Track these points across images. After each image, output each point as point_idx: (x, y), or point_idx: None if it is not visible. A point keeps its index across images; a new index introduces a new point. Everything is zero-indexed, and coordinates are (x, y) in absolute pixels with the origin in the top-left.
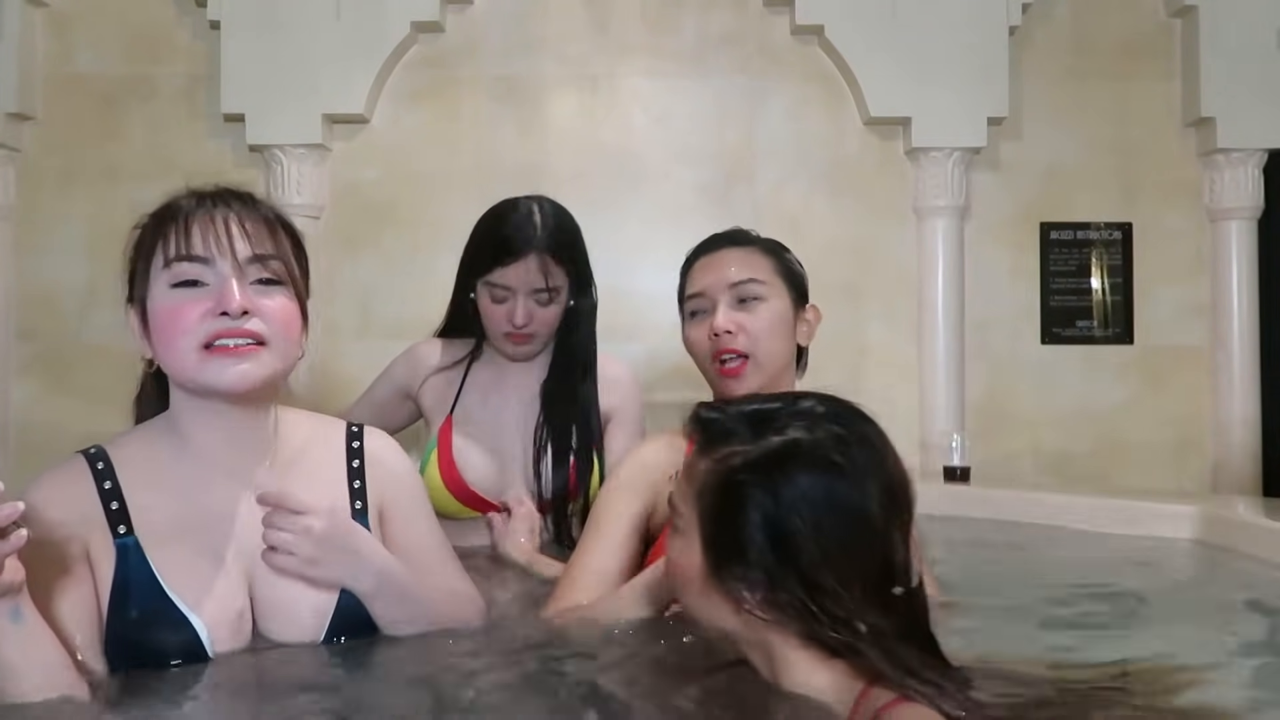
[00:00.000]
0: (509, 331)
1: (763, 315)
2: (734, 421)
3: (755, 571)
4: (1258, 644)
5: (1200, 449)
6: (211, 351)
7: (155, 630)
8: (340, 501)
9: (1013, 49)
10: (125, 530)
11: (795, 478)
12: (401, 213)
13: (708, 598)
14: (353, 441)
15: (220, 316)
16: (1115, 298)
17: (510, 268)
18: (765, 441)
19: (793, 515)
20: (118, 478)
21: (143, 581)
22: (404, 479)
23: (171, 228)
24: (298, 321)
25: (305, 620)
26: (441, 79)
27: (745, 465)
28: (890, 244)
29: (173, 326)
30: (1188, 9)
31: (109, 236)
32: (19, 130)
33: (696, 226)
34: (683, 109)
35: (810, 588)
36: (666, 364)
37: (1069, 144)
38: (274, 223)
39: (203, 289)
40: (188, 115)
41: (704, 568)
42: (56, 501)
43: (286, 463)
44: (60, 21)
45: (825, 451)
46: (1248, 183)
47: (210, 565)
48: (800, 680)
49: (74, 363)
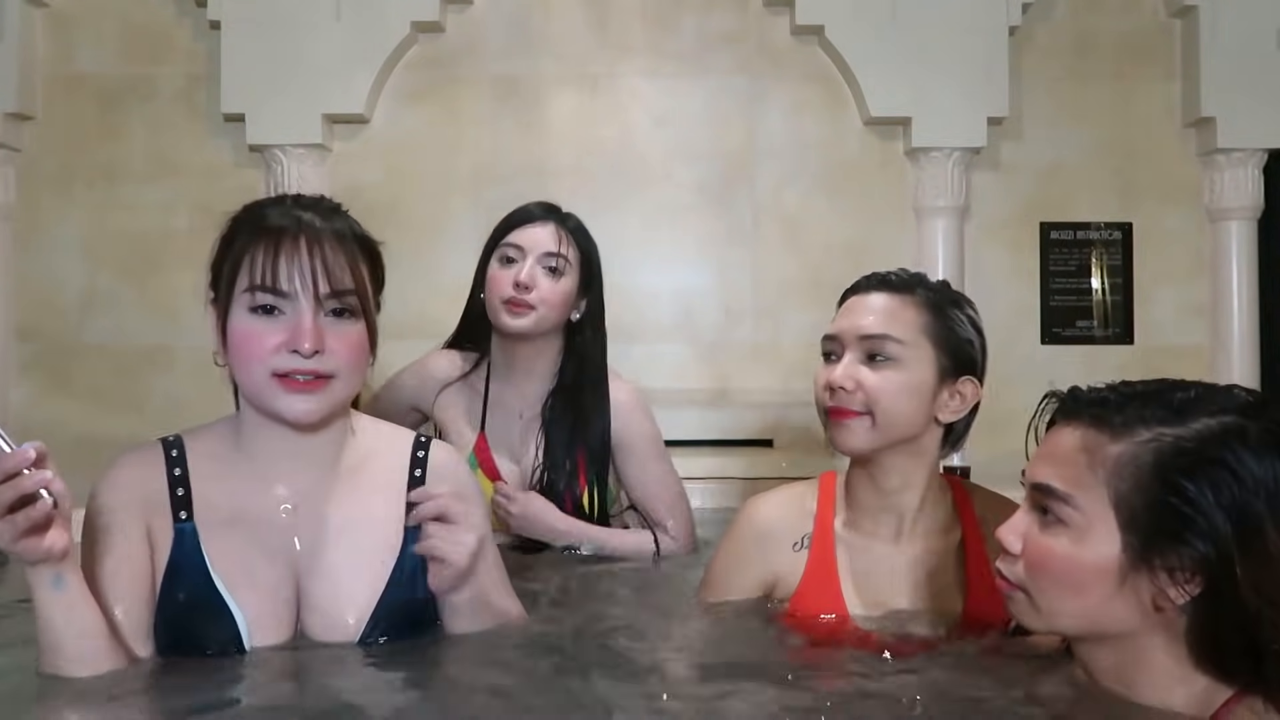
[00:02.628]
0: (509, 297)
1: (890, 378)
2: (1144, 404)
3: (1196, 555)
4: None
5: None
6: (282, 382)
7: (197, 616)
8: (396, 510)
9: (1013, 49)
10: (186, 516)
11: (1247, 461)
12: (402, 213)
13: (1114, 593)
14: (418, 451)
15: (292, 354)
16: (1115, 298)
17: (525, 229)
18: (1199, 422)
19: (1255, 498)
20: (188, 467)
21: (193, 567)
22: (459, 485)
23: (261, 248)
24: (365, 350)
25: (347, 619)
26: (441, 79)
27: (1192, 447)
28: (890, 244)
29: (248, 351)
30: (1188, 9)
31: (109, 236)
32: (19, 130)
33: (696, 226)
34: (683, 109)
35: (1258, 577)
36: (666, 364)
37: (1069, 144)
38: (356, 255)
39: (279, 318)
40: (188, 115)
41: (1124, 558)
42: (127, 482)
43: (349, 470)
44: (60, 21)
45: (1272, 435)
46: (1248, 183)
47: (260, 559)
48: (1161, 688)
49: (74, 363)
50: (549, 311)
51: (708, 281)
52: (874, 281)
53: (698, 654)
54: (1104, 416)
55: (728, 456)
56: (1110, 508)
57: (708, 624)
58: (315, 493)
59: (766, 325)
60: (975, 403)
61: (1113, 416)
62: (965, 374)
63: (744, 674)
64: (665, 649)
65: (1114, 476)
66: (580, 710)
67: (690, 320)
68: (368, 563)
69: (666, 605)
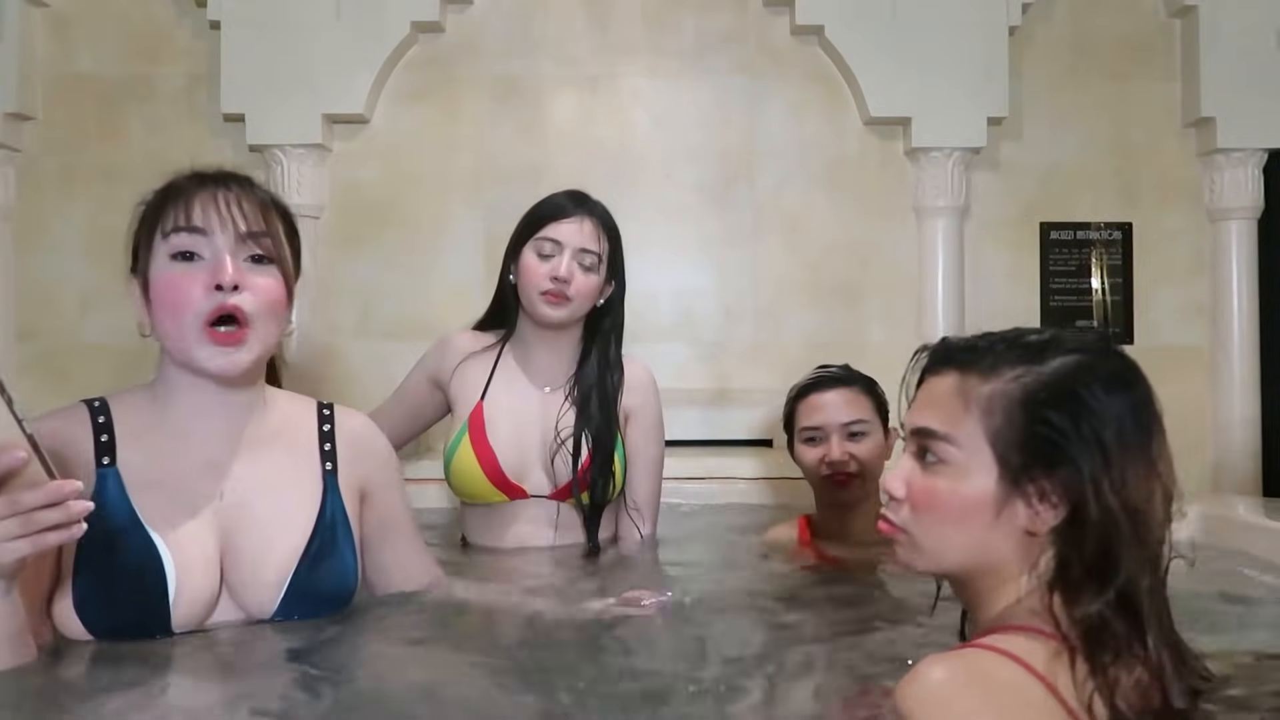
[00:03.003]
0: (547, 289)
1: (867, 446)
2: (1007, 348)
3: (1062, 478)
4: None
5: (1200, 449)
6: (208, 332)
7: (121, 554)
8: (312, 468)
9: (1013, 49)
10: (109, 462)
11: (1099, 394)
12: (401, 212)
13: (992, 522)
14: (323, 410)
15: (214, 291)
16: (1115, 298)
17: (563, 223)
18: (1057, 360)
19: (1106, 427)
20: (113, 424)
21: (117, 506)
22: (382, 453)
23: (173, 202)
24: (283, 302)
25: (271, 574)
26: (441, 79)
27: (1050, 380)
28: (890, 244)
29: (173, 299)
30: (1188, 9)
31: (109, 236)
32: (19, 130)
33: (696, 226)
34: (683, 109)
35: (1112, 496)
36: (666, 364)
37: (1069, 144)
38: (268, 204)
39: (199, 263)
40: (188, 115)
41: (999, 488)
42: (47, 435)
43: (267, 432)
44: (60, 21)
45: (1118, 371)
46: (1248, 183)
47: (183, 513)
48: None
49: (74, 363)
50: (583, 303)
51: (708, 281)
52: (828, 382)
53: None
54: (973, 361)
55: (728, 456)
56: (986, 442)
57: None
58: (235, 451)
59: (766, 325)
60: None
61: (981, 360)
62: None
63: None
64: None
65: (986, 413)
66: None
67: (690, 320)
68: (291, 516)
69: None
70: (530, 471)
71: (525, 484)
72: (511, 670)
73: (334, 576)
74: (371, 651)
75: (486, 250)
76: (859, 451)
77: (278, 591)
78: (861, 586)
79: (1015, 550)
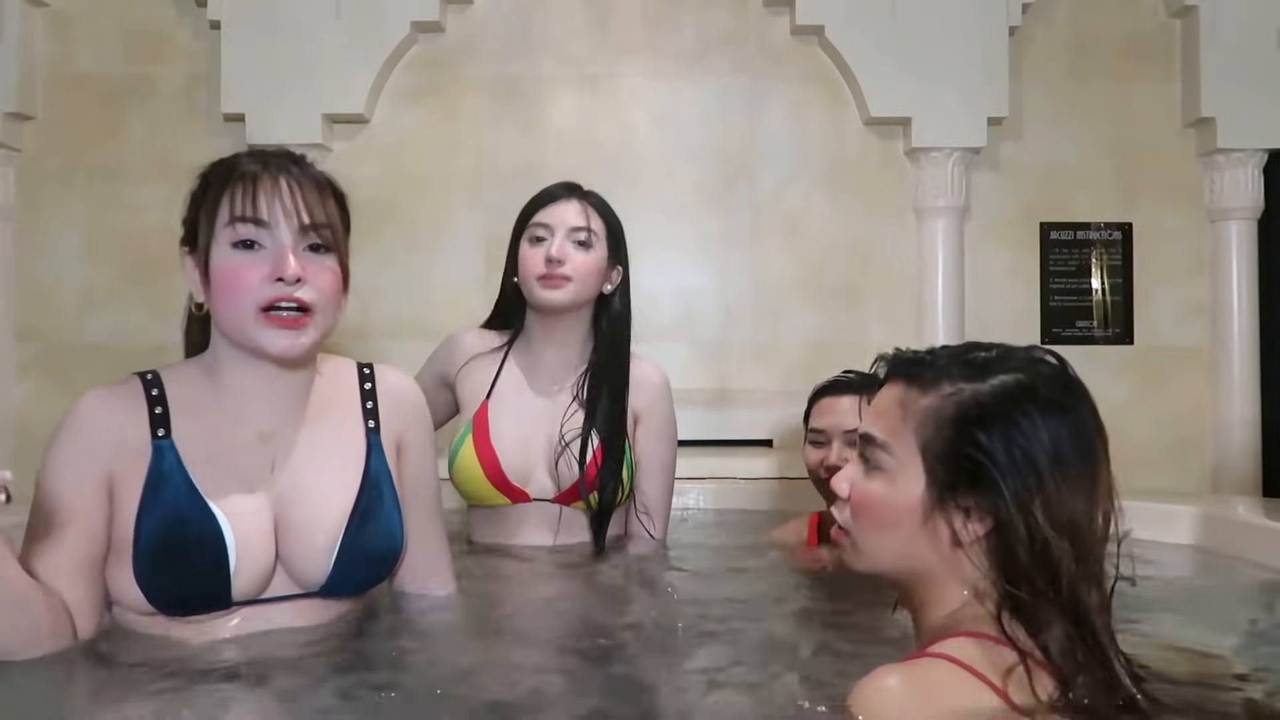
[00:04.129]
0: (543, 273)
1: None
2: (950, 362)
3: (987, 500)
4: (1256, 645)
5: (1200, 449)
6: (267, 316)
7: (182, 526)
8: (357, 431)
9: (1013, 49)
10: (164, 434)
11: (1035, 417)
12: (401, 212)
13: (919, 530)
14: (363, 369)
15: (276, 282)
16: (1115, 298)
17: (550, 207)
18: (996, 379)
19: (1039, 452)
20: (166, 396)
21: (175, 477)
22: (419, 410)
23: (239, 186)
24: (340, 288)
25: (319, 541)
26: (441, 79)
27: (985, 400)
28: (890, 244)
29: (233, 286)
30: (1188, 9)
31: (109, 236)
32: (19, 130)
33: (696, 226)
34: (683, 109)
35: (1036, 521)
36: (666, 364)
37: (1069, 144)
38: (326, 189)
39: (260, 252)
40: (188, 115)
41: (926, 498)
42: (102, 410)
43: (316, 402)
44: (60, 21)
45: (1057, 394)
46: (1248, 183)
47: (239, 486)
48: (954, 623)
49: (74, 363)
50: (583, 283)
51: (708, 281)
52: (842, 386)
53: None
54: (917, 374)
55: (728, 456)
56: (918, 453)
57: None
58: (286, 424)
59: (766, 325)
60: None
61: (924, 373)
62: None
63: None
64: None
65: (921, 426)
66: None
67: (690, 320)
68: (339, 480)
69: None
70: (533, 474)
71: (528, 487)
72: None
73: (380, 536)
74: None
75: (486, 250)
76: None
77: (329, 557)
78: (856, 591)
79: (945, 559)
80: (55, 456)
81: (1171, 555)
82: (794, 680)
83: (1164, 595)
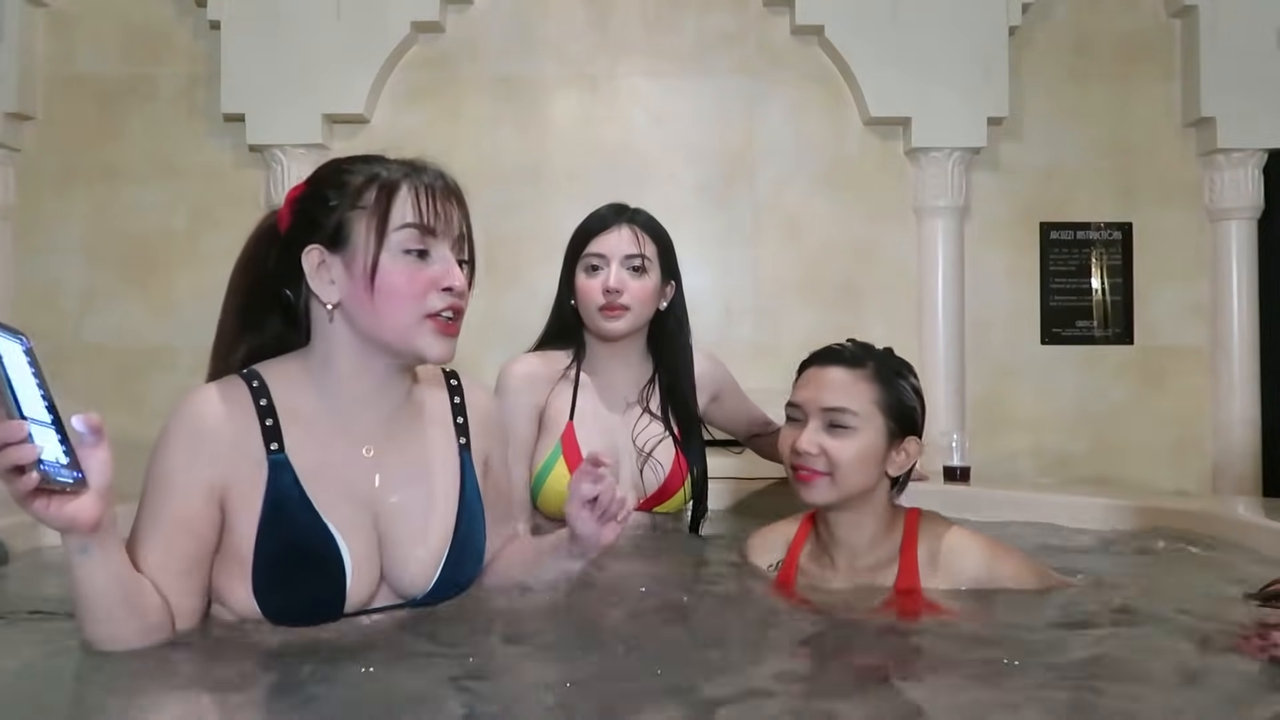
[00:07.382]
0: (603, 304)
1: (848, 446)
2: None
3: (911, 431)
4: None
5: (1200, 449)
6: (434, 322)
7: (300, 542)
8: (449, 439)
9: (1013, 49)
10: (278, 448)
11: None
12: None
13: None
14: (450, 381)
15: (444, 291)
16: (1115, 298)
17: (602, 236)
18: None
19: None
20: (275, 407)
21: (292, 494)
22: (502, 429)
23: (422, 195)
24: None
25: (424, 558)
26: (441, 79)
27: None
28: (890, 244)
29: (406, 291)
30: (1188, 9)
31: (109, 236)
32: (19, 130)
33: (696, 226)
34: (683, 109)
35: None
36: None
37: (1069, 144)
38: (462, 199)
39: (428, 260)
40: (188, 115)
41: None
42: (215, 416)
43: (413, 409)
44: (60, 21)
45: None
46: (1248, 183)
47: (348, 502)
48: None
49: (74, 363)
50: (642, 309)
51: (708, 281)
52: (831, 356)
53: None
54: (856, 358)
55: (727, 456)
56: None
57: None
58: (389, 438)
59: (766, 325)
60: (917, 457)
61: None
62: (910, 434)
63: None
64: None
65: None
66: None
67: (691, 320)
68: (438, 498)
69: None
70: (622, 484)
71: None
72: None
73: (476, 552)
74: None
75: (487, 250)
76: (834, 449)
77: (432, 572)
78: (836, 613)
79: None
80: (167, 458)
81: (1171, 554)
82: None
83: (1163, 595)
